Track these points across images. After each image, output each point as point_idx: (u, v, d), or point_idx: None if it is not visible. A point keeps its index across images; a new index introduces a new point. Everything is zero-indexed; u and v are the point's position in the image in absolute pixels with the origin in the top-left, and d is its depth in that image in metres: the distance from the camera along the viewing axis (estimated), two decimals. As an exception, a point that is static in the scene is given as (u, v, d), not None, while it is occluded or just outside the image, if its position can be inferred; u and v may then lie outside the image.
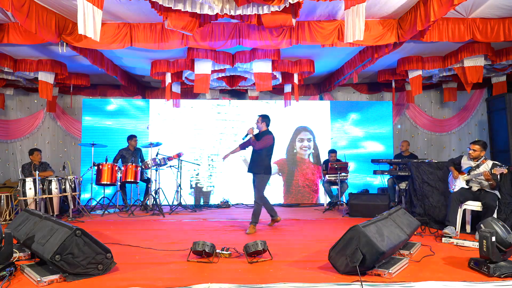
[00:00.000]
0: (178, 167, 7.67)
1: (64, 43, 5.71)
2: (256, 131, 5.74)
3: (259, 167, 5.52)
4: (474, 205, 5.02)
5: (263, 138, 5.55)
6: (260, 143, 5.52)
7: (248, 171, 5.69)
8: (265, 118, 5.74)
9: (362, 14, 4.34)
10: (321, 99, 9.91)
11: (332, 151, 8.36)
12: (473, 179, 5.06)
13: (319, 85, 9.79)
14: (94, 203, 7.41)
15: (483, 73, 7.25)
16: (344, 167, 7.79)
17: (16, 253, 3.63)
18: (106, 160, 7.20)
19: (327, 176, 7.91)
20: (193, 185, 8.83)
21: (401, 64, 7.53)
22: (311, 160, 9.06)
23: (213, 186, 8.86)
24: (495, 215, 4.74)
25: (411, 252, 3.90)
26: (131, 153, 7.86)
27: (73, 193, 6.64)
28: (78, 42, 5.70)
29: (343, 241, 3.30)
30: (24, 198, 6.13)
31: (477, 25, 5.55)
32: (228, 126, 9.02)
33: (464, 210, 5.14)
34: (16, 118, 9.53)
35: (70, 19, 5.56)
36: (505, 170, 4.77)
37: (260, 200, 5.55)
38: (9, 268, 3.18)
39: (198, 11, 4.78)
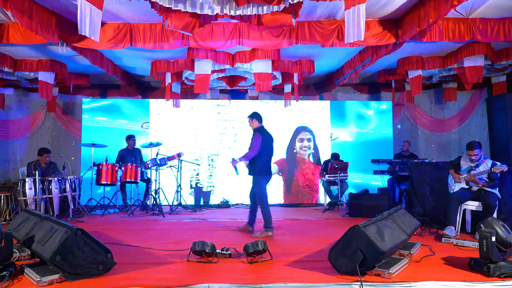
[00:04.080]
0: (178, 167, 7.66)
1: (64, 43, 5.70)
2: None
3: (254, 169, 5.30)
4: (474, 205, 5.02)
5: (251, 144, 5.24)
6: (251, 151, 5.21)
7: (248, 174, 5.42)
8: (253, 116, 5.38)
9: (362, 14, 4.34)
10: (321, 99, 9.90)
11: (335, 155, 8.20)
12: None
13: (319, 85, 9.78)
14: (94, 203, 7.41)
15: (483, 73, 7.24)
16: (344, 167, 7.78)
17: (16, 253, 3.62)
18: (106, 160, 7.20)
19: (327, 176, 7.91)
20: (193, 185, 8.83)
21: (401, 64, 7.52)
22: (311, 160, 9.06)
23: (213, 186, 8.86)
24: (495, 215, 4.74)
25: (411, 252, 3.90)
26: (130, 153, 7.86)
27: (73, 193, 6.65)
28: (78, 42, 5.70)
29: (343, 241, 3.30)
30: (24, 198, 6.12)
31: (477, 25, 5.53)
32: (228, 126, 9.02)
33: (464, 210, 5.14)
34: (16, 118, 9.51)
35: (70, 19, 5.56)
36: (505, 168, 4.77)
37: (260, 203, 5.28)
38: (9, 268, 3.18)
39: (198, 11, 4.77)
